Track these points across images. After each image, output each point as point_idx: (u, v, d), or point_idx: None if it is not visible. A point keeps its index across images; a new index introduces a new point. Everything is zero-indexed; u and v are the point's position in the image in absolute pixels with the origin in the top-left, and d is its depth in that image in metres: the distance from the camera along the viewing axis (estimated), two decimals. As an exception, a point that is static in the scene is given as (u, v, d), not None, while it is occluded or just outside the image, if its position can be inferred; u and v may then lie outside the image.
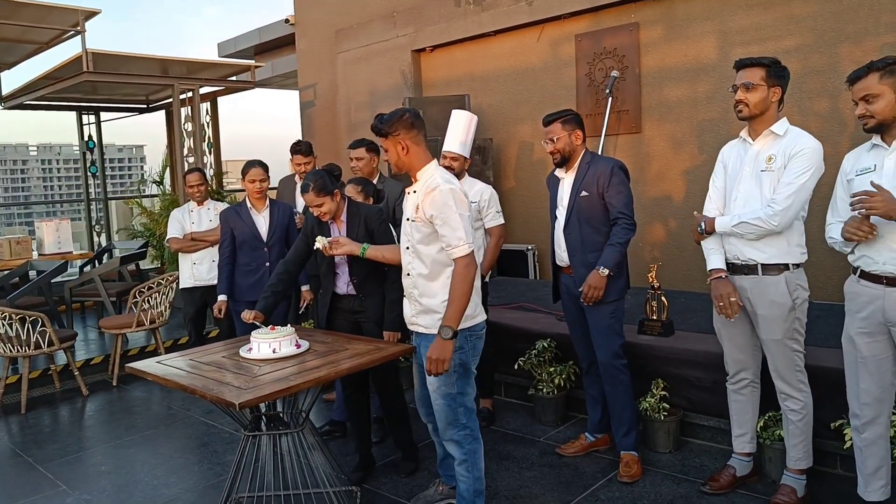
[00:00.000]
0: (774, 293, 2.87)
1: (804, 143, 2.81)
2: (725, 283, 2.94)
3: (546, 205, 6.49)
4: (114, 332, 5.59)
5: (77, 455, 4.11)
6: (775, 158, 2.84)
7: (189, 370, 2.85)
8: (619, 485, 3.33)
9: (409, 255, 2.84)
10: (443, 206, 2.63)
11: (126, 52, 6.79)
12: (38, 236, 7.38)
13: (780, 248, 2.86)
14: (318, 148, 8.58)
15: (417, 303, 2.82)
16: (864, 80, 2.51)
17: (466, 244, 2.63)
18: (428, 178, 2.75)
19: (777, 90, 2.87)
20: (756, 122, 2.90)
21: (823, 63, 4.83)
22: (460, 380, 2.78)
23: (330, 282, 3.48)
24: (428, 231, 2.71)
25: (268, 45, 11.32)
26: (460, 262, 2.63)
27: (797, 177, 2.78)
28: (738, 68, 2.94)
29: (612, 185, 3.33)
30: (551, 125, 3.43)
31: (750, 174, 2.91)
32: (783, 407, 3.01)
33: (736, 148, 3.04)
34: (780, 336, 2.90)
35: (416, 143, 2.75)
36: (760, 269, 2.89)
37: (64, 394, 5.34)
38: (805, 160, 2.78)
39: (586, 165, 3.42)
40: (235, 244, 4.33)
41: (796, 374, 2.94)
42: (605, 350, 3.44)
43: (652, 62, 5.69)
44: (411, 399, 4.71)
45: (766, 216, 2.80)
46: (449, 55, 7.18)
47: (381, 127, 2.74)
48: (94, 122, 9.30)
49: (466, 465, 2.83)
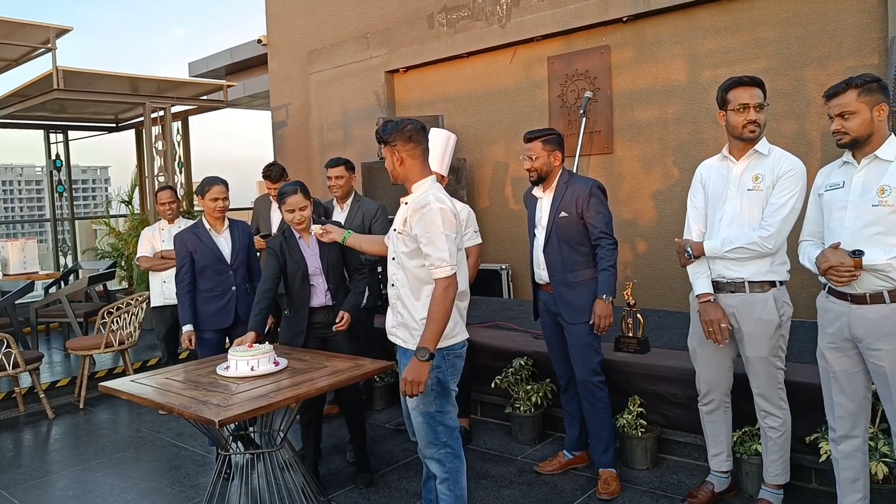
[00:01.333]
0: (762, 310, 2.89)
1: (792, 164, 2.84)
2: (715, 308, 2.94)
3: (520, 224, 6.56)
4: (81, 353, 5.45)
5: (43, 479, 3.98)
6: (762, 178, 2.85)
7: (165, 389, 2.79)
8: (598, 502, 3.33)
9: (394, 266, 2.82)
10: (430, 225, 2.61)
11: (97, 70, 6.69)
12: (2, 256, 7.19)
13: (766, 266, 2.88)
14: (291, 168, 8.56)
15: (399, 314, 2.80)
16: (841, 96, 2.52)
17: (449, 266, 2.59)
18: (421, 193, 2.73)
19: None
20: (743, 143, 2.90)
21: (789, 86, 4.98)
22: (439, 398, 2.75)
23: (306, 296, 3.48)
24: (414, 246, 2.70)
25: (240, 66, 11.31)
26: (440, 283, 2.60)
27: (788, 198, 2.80)
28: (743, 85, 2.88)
29: (591, 206, 3.36)
30: (532, 143, 3.45)
31: (736, 193, 2.92)
32: (762, 424, 3.03)
33: (716, 167, 3.04)
34: (766, 353, 2.92)
35: (412, 156, 2.74)
36: (748, 287, 2.90)
37: (28, 417, 5.17)
38: (793, 181, 2.81)
39: (564, 185, 3.45)
40: (195, 269, 3.96)
41: (777, 392, 2.98)
42: (584, 367, 3.46)
43: (623, 84, 5.81)
44: (384, 419, 4.70)
45: (761, 239, 2.81)
46: (422, 76, 7.24)
47: (381, 135, 2.76)
48: (62, 140, 9.15)
49: (448, 483, 2.80)
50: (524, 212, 4.23)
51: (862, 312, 2.52)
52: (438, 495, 2.85)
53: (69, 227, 9.28)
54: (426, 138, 2.81)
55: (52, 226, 9.18)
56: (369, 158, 6.68)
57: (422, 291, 2.72)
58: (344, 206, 4.63)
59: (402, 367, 2.76)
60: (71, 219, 9.31)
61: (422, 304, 2.70)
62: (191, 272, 3.96)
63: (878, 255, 2.43)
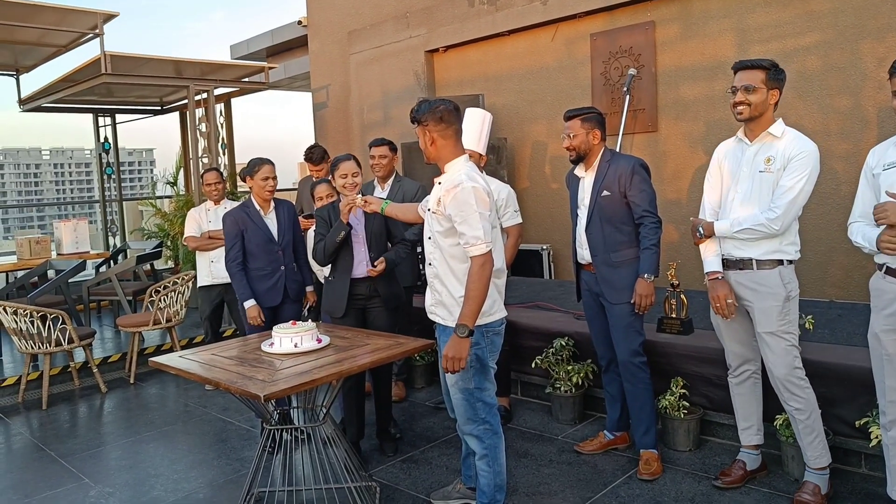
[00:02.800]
0: (769, 284, 2.92)
1: (802, 147, 2.85)
2: (723, 284, 3.01)
3: (560, 204, 6.52)
4: (130, 330, 5.62)
5: (98, 450, 4.14)
6: (774, 160, 2.89)
7: (212, 364, 2.86)
8: (639, 482, 3.32)
9: (430, 245, 2.86)
10: (463, 205, 2.64)
11: (142, 54, 6.82)
12: (56, 236, 7.44)
13: (774, 245, 2.92)
14: (331, 149, 8.60)
15: (437, 292, 2.85)
16: None
17: (484, 243, 2.61)
18: (454, 173, 2.76)
19: (775, 93, 2.92)
20: (753, 124, 2.95)
21: (844, 60, 4.79)
22: (477, 375, 2.79)
23: (349, 263, 3.57)
24: (448, 226, 2.73)
25: (280, 47, 11.39)
26: (476, 260, 2.62)
27: (797, 181, 2.83)
28: (738, 70, 2.97)
29: (634, 185, 3.33)
30: (571, 121, 3.44)
31: (748, 175, 2.96)
32: (787, 408, 3.00)
33: (732, 148, 3.08)
34: (775, 328, 2.93)
35: (444, 136, 2.76)
36: (755, 264, 2.95)
37: (83, 390, 5.37)
38: (804, 164, 2.83)
39: (606, 164, 3.41)
40: (245, 249, 3.99)
41: (795, 372, 2.95)
42: (625, 348, 3.43)
43: (668, 61, 5.67)
44: (425, 398, 4.74)
45: (768, 220, 2.85)
46: (462, 55, 7.18)
47: (414, 115, 2.80)
48: (109, 123, 9.38)
49: (487, 459, 2.84)
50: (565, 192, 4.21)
51: None
52: (478, 472, 2.88)
53: (117, 209, 9.53)
54: (459, 119, 2.82)
55: (101, 207, 9.44)
56: (409, 139, 6.67)
57: (458, 269, 2.75)
58: (385, 186, 4.66)
59: (442, 345, 2.79)
60: (119, 200, 9.56)
61: (458, 282, 2.74)
62: (242, 250, 3.97)
63: None
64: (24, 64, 7.94)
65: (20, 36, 6.74)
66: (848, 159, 4.67)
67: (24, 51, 7.37)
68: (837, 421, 3.23)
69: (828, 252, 4.75)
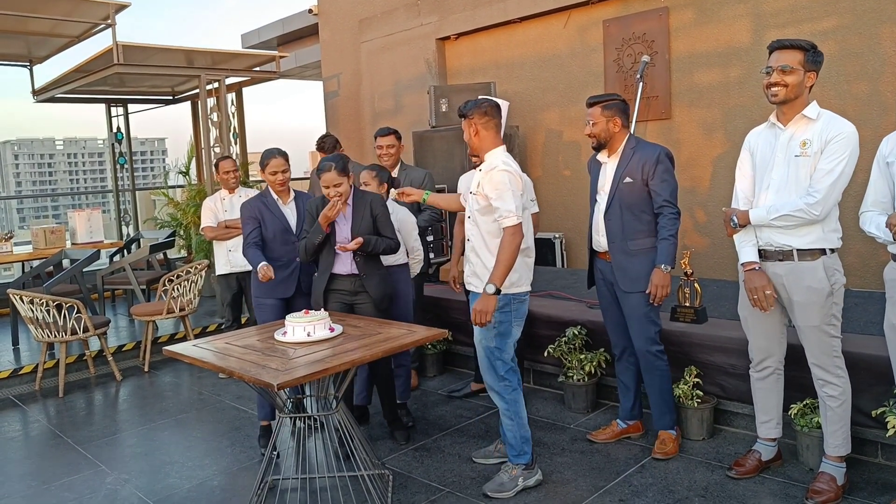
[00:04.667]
0: (812, 279, 2.81)
1: (841, 128, 2.74)
2: (760, 276, 2.90)
3: (574, 193, 6.47)
4: (144, 319, 5.66)
5: (113, 437, 4.18)
6: (810, 143, 2.77)
7: (225, 353, 2.87)
8: (651, 470, 3.31)
9: (469, 224, 3.25)
10: (498, 184, 3.02)
11: (154, 44, 6.83)
12: (70, 226, 7.49)
13: (816, 233, 2.81)
14: (343, 137, 8.60)
15: (472, 264, 3.21)
16: None
17: (515, 216, 2.98)
18: (491, 159, 3.12)
19: (812, 75, 2.82)
20: (787, 107, 2.84)
21: (862, 45, 4.72)
22: (499, 337, 3.15)
23: (330, 262, 3.59)
24: (485, 204, 3.08)
25: (291, 36, 11.36)
26: (508, 231, 2.98)
27: (837, 163, 2.71)
28: (773, 50, 2.86)
29: (657, 174, 3.30)
30: (592, 108, 3.41)
31: (783, 160, 2.85)
32: (821, 394, 2.95)
33: (764, 134, 2.97)
34: (818, 322, 2.84)
35: (486, 128, 3.14)
36: (796, 255, 2.84)
37: (98, 378, 5.42)
38: (843, 145, 2.72)
39: (631, 151, 3.38)
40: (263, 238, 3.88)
41: (834, 360, 2.89)
42: (641, 337, 3.42)
43: (682, 47, 5.60)
44: (437, 386, 4.76)
45: (808, 205, 2.73)
46: (474, 43, 7.13)
47: (462, 110, 3.20)
48: (122, 114, 9.41)
49: (509, 414, 3.19)
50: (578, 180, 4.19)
51: None
52: (504, 428, 3.23)
53: (130, 198, 9.58)
54: (499, 115, 3.21)
55: (114, 196, 9.49)
56: (420, 127, 6.65)
57: (492, 244, 3.11)
58: (393, 174, 4.65)
59: None
60: (132, 190, 9.61)
61: (492, 254, 3.09)
62: (259, 238, 3.86)
63: None
64: (37, 55, 7.98)
65: (33, 27, 6.76)
66: (866, 146, 4.54)
67: (38, 42, 7.40)
68: (855, 410, 3.18)
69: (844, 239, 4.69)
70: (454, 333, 4.89)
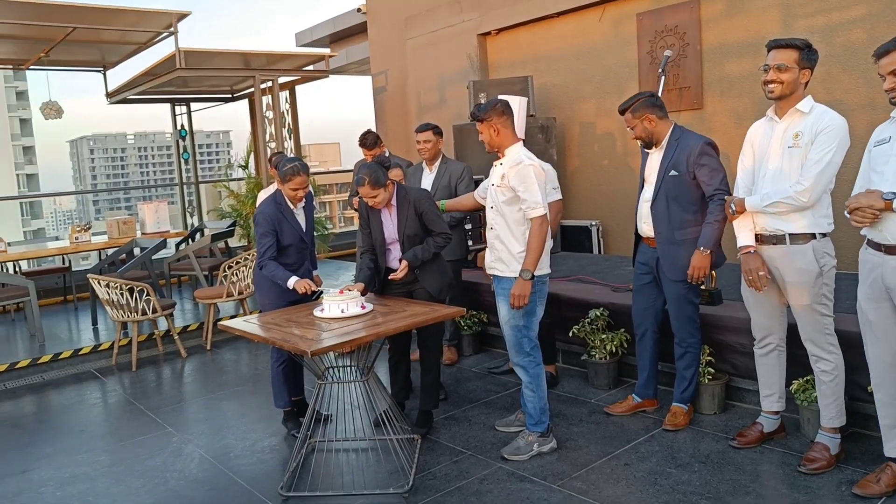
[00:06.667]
0: (802, 261, 3.01)
1: (829, 120, 2.92)
2: (755, 258, 3.11)
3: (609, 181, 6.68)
4: (206, 302, 6.18)
5: (179, 405, 4.70)
6: (802, 135, 2.97)
7: (269, 326, 3.28)
8: (660, 439, 3.56)
9: (492, 213, 3.52)
10: (525, 178, 3.31)
11: (213, 48, 7.37)
12: (140, 217, 8.13)
13: (807, 219, 2.99)
14: (390, 131, 9.01)
15: (496, 251, 3.49)
16: (892, 53, 2.58)
17: (542, 207, 3.31)
18: (514, 154, 3.41)
19: (807, 73, 2.99)
20: (783, 102, 3.03)
21: (892, 31, 4.74)
22: (526, 315, 3.44)
23: (384, 258, 3.85)
24: (510, 195, 3.37)
25: (342, 34, 11.81)
26: (536, 220, 3.31)
27: (825, 153, 2.90)
28: (771, 48, 3.05)
29: (704, 165, 3.42)
30: (625, 115, 3.59)
31: (778, 151, 3.05)
32: (815, 369, 3.15)
33: (763, 127, 3.17)
34: (809, 301, 3.04)
35: (505, 126, 3.42)
36: (788, 239, 3.04)
37: (166, 355, 5.98)
38: (831, 137, 2.90)
39: (675, 142, 3.52)
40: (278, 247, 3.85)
41: (826, 338, 3.09)
42: (682, 317, 3.63)
43: (713, 38, 5.73)
44: (472, 364, 5.09)
45: (797, 193, 2.93)
46: (513, 37, 7.39)
47: (478, 114, 3.43)
48: (185, 112, 10.05)
49: (532, 386, 3.50)
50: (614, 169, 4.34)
51: (894, 263, 2.58)
52: (525, 398, 3.55)
53: (194, 190, 10.23)
54: (512, 111, 3.47)
55: (180, 189, 10.17)
56: (461, 121, 6.96)
57: (517, 231, 3.40)
58: (433, 168, 4.98)
59: (499, 292, 3.51)
60: (196, 183, 10.26)
61: (516, 241, 3.39)
62: (276, 247, 3.84)
63: None
64: (109, 60, 8.66)
65: (105, 36, 7.39)
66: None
67: (109, 48, 8.06)
68: (855, 386, 3.37)
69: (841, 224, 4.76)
70: (489, 315, 5.21)
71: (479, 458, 3.51)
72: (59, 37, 7.03)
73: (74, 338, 6.40)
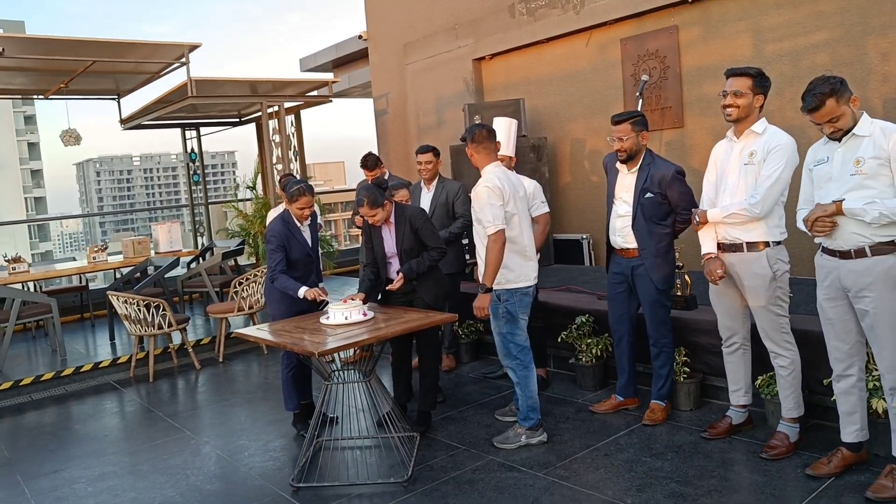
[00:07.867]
0: (757, 266, 3.36)
1: (778, 140, 3.29)
2: (715, 261, 3.48)
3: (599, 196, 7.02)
4: (218, 316, 6.53)
5: (194, 411, 5.04)
6: (756, 154, 3.33)
7: (281, 333, 3.63)
8: (639, 433, 3.88)
9: (477, 228, 3.83)
10: (477, 198, 3.68)
11: (222, 77, 7.79)
12: (154, 237, 8.52)
13: (761, 229, 3.35)
14: (391, 151, 9.40)
15: (482, 261, 3.80)
16: (824, 107, 2.88)
17: (494, 225, 3.61)
18: (484, 175, 3.77)
19: (760, 98, 3.35)
20: (740, 124, 3.40)
21: (851, 55, 5.14)
22: (509, 323, 3.79)
23: (385, 270, 4.21)
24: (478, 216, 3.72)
25: (344, 59, 12.27)
26: (490, 237, 3.62)
27: (774, 170, 3.26)
28: (729, 76, 3.42)
29: (675, 189, 3.82)
30: (621, 125, 3.87)
31: (736, 168, 3.41)
32: (774, 365, 3.48)
33: (724, 146, 3.54)
34: (765, 303, 3.38)
35: (478, 151, 3.83)
36: (745, 247, 3.39)
37: (181, 367, 6.32)
38: (780, 155, 3.26)
39: (647, 166, 3.89)
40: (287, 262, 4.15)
41: (782, 336, 3.42)
42: (655, 318, 3.97)
43: (691, 61, 6.11)
44: (468, 370, 5.42)
45: (750, 205, 3.29)
46: (506, 62, 7.79)
47: (465, 136, 3.89)
48: (195, 136, 10.47)
49: (520, 386, 3.83)
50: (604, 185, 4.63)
51: (849, 266, 2.93)
52: (516, 396, 3.87)
53: (203, 211, 10.63)
54: (494, 137, 3.87)
55: (189, 210, 10.57)
56: (458, 143, 7.34)
57: None
58: (431, 187, 5.35)
59: None
60: (205, 204, 10.66)
61: None
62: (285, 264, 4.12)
63: (854, 203, 2.84)
64: (123, 89, 9.09)
65: (120, 67, 7.82)
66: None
67: (124, 78, 8.49)
68: (814, 381, 3.69)
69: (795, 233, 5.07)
70: (486, 325, 5.54)
71: (472, 452, 3.83)
72: (79, 69, 7.46)
73: (93, 352, 6.75)
